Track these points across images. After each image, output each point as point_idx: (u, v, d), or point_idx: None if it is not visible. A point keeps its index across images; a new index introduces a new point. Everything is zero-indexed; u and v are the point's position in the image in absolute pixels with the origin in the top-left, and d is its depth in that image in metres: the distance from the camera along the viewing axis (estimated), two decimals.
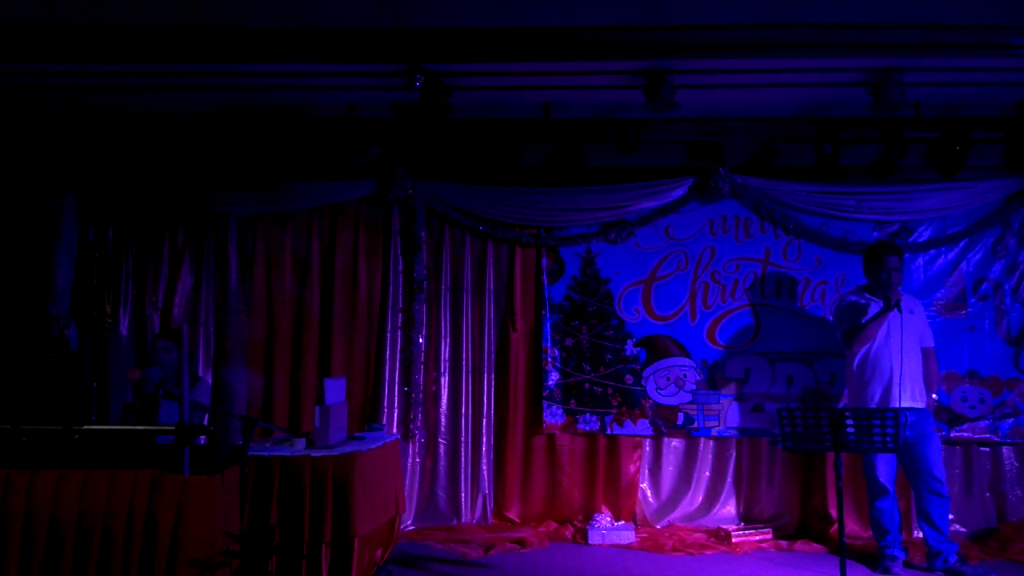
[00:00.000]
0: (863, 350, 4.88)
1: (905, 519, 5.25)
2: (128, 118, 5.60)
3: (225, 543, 3.55)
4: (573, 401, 5.76)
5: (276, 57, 4.57)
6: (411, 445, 5.77)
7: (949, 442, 5.52)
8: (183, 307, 5.82)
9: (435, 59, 4.62)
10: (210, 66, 4.71)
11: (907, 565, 4.85)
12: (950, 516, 5.02)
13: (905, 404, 4.73)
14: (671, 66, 4.70)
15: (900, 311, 4.74)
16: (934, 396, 5.03)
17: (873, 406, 4.77)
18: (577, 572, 4.80)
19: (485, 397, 5.82)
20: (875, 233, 5.68)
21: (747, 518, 5.71)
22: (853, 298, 5.05)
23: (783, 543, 5.34)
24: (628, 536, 5.40)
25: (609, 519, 5.55)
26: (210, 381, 5.65)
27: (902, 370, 4.76)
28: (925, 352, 4.98)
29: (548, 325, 5.80)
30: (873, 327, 4.83)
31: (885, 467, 4.81)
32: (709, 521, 5.70)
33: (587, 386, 5.77)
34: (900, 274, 4.93)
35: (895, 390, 4.76)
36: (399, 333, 5.81)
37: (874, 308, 4.87)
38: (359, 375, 5.75)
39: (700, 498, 5.80)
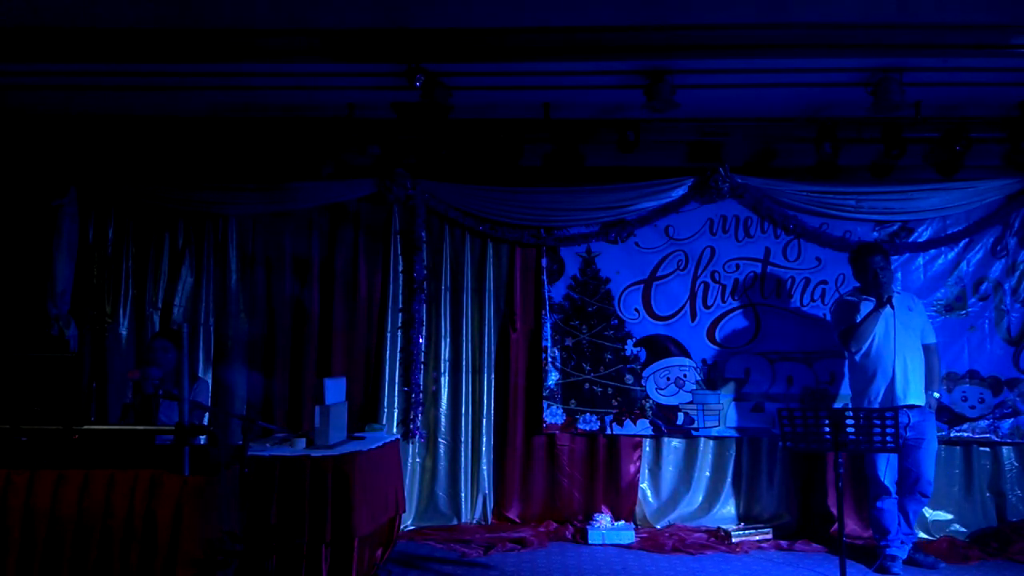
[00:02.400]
0: (862, 350, 4.87)
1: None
2: (128, 118, 5.60)
3: (225, 543, 3.56)
4: (573, 401, 5.76)
5: (276, 57, 4.57)
6: (411, 445, 5.77)
7: (949, 442, 5.52)
8: (183, 307, 5.82)
9: (435, 59, 4.62)
10: (211, 66, 4.71)
11: (908, 564, 4.84)
12: (948, 516, 5.18)
13: (911, 402, 4.74)
14: (671, 66, 4.70)
15: (893, 307, 4.75)
16: (936, 395, 5.00)
17: (876, 405, 4.75)
18: (577, 572, 4.80)
19: (485, 397, 5.81)
20: (875, 233, 5.68)
21: (747, 518, 5.71)
22: (848, 299, 5.05)
23: (783, 543, 5.34)
24: (628, 536, 5.40)
25: (609, 519, 5.55)
26: (210, 381, 5.65)
27: (903, 368, 4.77)
28: (927, 349, 4.97)
29: (548, 325, 5.80)
30: (867, 325, 4.82)
31: (888, 468, 4.79)
32: (709, 521, 5.69)
33: (587, 386, 5.77)
34: (888, 272, 4.90)
35: (897, 388, 4.76)
36: (399, 333, 5.81)
37: (867, 307, 4.86)
38: (359, 375, 5.75)
39: (700, 498, 5.79)
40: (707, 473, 5.81)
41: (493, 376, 5.85)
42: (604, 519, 5.53)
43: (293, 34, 4.46)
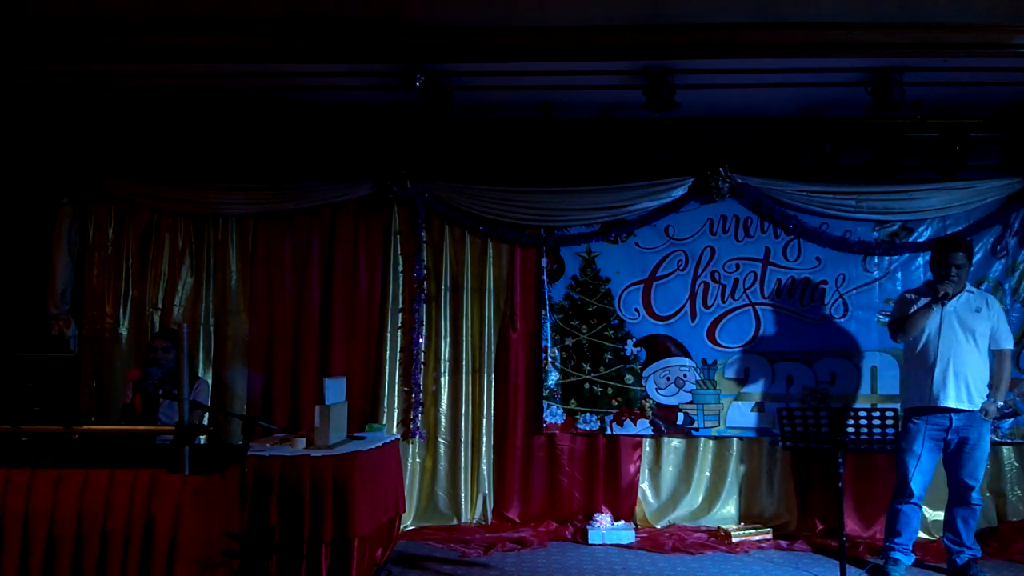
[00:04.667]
0: (912, 344, 4.74)
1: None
2: (127, 118, 5.60)
3: (225, 543, 3.56)
4: (573, 401, 5.76)
5: (276, 57, 4.57)
6: (411, 445, 5.77)
7: None
8: (183, 307, 5.82)
9: (435, 59, 4.62)
10: (212, 65, 4.71)
11: (915, 566, 4.80)
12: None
13: (952, 404, 4.57)
14: (671, 66, 4.71)
15: (943, 305, 4.60)
16: (999, 403, 4.71)
17: (915, 403, 4.66)
18: (577, 572, 4.80)
19: (485, 397, 5.81)
20: (875, 233, 5.67)
21: (747, 518, 5.71)
22: (908, 295, 4.90)
23: (783, 543, 5.34)
24: (628, 536, 5.40)
25: (609, 519, 5.55)
26: (210, 381, 5.65)
27: (945, 368, 4.58)
28: (999, 354, 4.74)
29: (548, 325, 5.80)
30: (916, 319, 4.66)
31: (919, 473, 4.61)
32: (709, 521, 5.69)
33: (587, 386, 5.77)
34: (964, 271, 4.69)
35: (935, 388, 4.58)
36: (399, 333, 5.81)
37: (923, 302, 4.72)
38: (359, 375, 5.74)
39: (700, 498, 5.79)
40: (707, 473, 5.81)
41: (493, 376, 5.84)
42: (604, 519, 5.53)
43: (293, 33, 4.46)
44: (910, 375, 4.82)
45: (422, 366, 5.79)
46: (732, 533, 5.37)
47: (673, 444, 5.83)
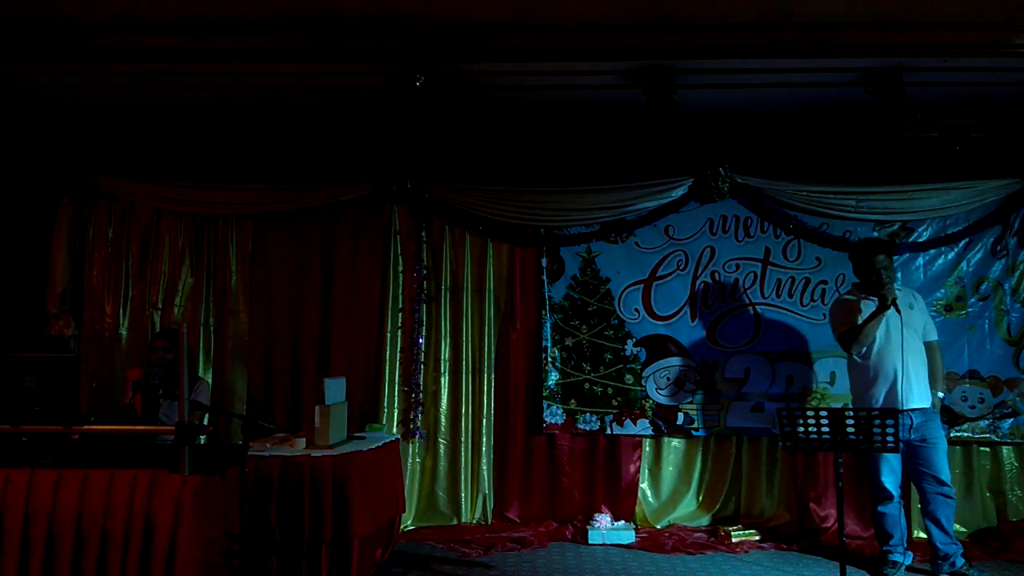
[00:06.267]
0: (863, 351, 4.73)
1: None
2: (127, 118, 5.60)
3: (225, 543, 3.56)
4: (573, 401, 5.76)
5: (276, 57, 4.57)
6: (411, 445, 5.77)
7: (949, 442, 5.48)
8: (183, 307, 5.82)
9: (435, 59, 4.62)
10: (212, 66, 4.70)
11: (910, 569, 4.79)
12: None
13: (910, 405, 4.60)
14: (672, 66, 4.70)
15: (899, 310, 4.60)
16: (940, 394, 4.86)
17: (882, 406, 4.62)
18: (577, 572, 4.80)
19: (485, 397, 5.81)
20: (875, 233, 5.66)
21: (747, 518, 5.71)
22: (847, 298, 4.89)
23: (783, 543, 5.34)
24: (628, 536, 5.40)
25: (609, 519, 5.55)
26: (210, 381, 5.65)
27: (904, 370, 4.61)
28: (928, 346, 4.83)
29: (548, 325, 5.80)
30: (871, 327, 4.66)
31: (889, 471, 4.66)
32: (709, 521, 5.70)
33: (587, 386, 5.77)
34: (892, 271, 4.76)
35: (900, 391, 4.60)
36: (399, 333, 5.81)
37: (868, 307, 4.71)
38: (359, 375, 5.74)
39: (700, 498, 5.80)
40: (707, 473, 5.81)
41: (493, 376, 5.84)
42: (604, 519, 5.52)
43: (293, 31, 4.46)
44: (866, 379, 4.74)
45: (422, 366, 5.79)
46: (732, 533, 5.37)
47: (673, 444, 5.83)
